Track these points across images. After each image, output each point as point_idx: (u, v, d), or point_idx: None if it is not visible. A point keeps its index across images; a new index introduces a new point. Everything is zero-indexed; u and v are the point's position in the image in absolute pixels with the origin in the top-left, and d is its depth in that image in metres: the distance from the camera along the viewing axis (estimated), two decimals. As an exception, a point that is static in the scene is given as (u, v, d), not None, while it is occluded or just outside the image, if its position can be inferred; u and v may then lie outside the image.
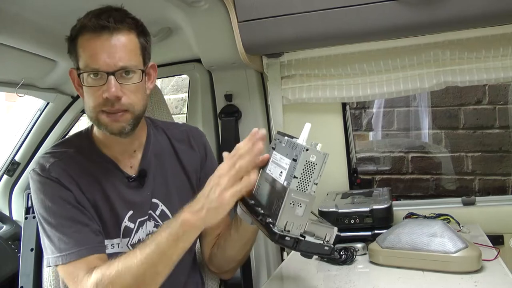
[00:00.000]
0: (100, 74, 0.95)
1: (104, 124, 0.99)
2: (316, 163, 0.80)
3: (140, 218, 1.07)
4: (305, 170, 0.80)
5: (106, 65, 0.95)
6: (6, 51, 1.27)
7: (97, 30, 0.95)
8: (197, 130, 1.26)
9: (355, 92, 1.50)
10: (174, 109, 2.68)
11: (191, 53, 1.63)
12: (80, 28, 0.97)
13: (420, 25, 1.27)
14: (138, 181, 1.08)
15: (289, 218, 0.80)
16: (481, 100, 2.33)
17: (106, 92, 0.95)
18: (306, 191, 0.80)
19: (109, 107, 0.97)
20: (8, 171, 1.93)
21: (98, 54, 0.95)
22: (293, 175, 0.80)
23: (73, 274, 0.94)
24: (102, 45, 0.95)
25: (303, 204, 0.80)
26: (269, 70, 1.57)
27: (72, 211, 0.98)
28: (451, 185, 2.39)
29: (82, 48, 0.97)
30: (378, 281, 1.04)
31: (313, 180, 0.80)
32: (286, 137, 0.89)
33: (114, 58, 0.95)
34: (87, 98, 0.99)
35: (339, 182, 1.59)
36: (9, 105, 2.73)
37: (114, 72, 0.95)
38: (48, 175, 0.99)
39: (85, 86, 0.98)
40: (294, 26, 1.31)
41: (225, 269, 1.20)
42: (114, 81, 0.95)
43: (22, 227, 1.32)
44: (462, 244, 1.01)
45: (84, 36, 0.96)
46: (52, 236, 0.97)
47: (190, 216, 0.88)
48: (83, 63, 0.97)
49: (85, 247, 0.96)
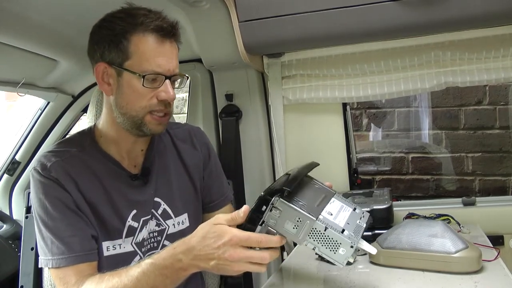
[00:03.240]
0: (158, 78, 0.97)
1: (148, 125, 1.01)
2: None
3: (144, 217, 1.07)
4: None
5: (167, 70, 0.98)
6: (7, 50, 1.27)
7: (161, 35, 0.97)
8: (199, 130, 1.26)
9: (355, 92, 1.50)
10: (175, 109, 2.68)
11: (192, 53, 1.63)
12: (135, 27, 0.96)
13: (420, 26, 1.27)
14: (141, 179, 1.08)
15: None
16: (481, 100, 2.33)
17: (164, 94, 0.98)
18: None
19: (162, 108, 1.00)
20: (8, 170, 1.93)
21: (161, 59, 0.97)
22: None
23: (64, 280, 0.96)
24: (166, 50, 0.98)
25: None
26: (269, 70, 1.58)
27: (69, 214, 0.98)
28: (451, 186, 2.39)
29: (139, 49, 0.96)
30: (379, 281, 1.04)
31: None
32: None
33: (173, 64, 1.00)
34: (134, 98, 0.99)
35: (340, 182, 1.60)
36: (9, 105, 2.73)
37: (171, 76, 0.99)
38: (48, 175, 0.99)
39: (132, 86, 0.98)
40: (295, 26, 1.31)
41: None
42: (170, 85, 0.99)
43: (22, 226, 1.32)
44: (462, 245, 1.01)
45: (145, 38, 0.96)
46: (46, 238, 0.98)
47: (185, 258, 0.87)
48: (138, 63, 0.96)
49: (76, 255, 0.96)
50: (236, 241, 0.82)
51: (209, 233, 0.84)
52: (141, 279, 0.89)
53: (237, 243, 0.82)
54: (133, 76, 0.96)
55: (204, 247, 0.84)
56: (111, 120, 1.05)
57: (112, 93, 1.01)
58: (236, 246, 0.82)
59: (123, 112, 1.01)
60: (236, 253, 0.82)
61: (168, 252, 0.89)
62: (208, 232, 0.85)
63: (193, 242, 0.86)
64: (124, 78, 0.98)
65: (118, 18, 0.97)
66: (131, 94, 0.98)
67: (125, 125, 1.02)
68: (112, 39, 0.97)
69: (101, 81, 1.01)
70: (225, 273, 0.86)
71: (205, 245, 0.84)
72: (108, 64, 0.99)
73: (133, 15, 0.96)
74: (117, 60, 0.97)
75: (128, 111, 1.00)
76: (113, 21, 0.97)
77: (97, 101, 1.22)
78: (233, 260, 0.82)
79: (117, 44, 0.96)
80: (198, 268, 0.88)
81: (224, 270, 0.85)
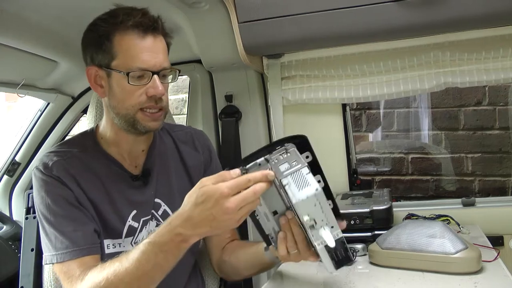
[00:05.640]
0: (145, 74, 0.97)
1: (141, 122, 1.01)
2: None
3: (144, 217, 1.08)
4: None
5: (153, 65, 0.97)
6: (7, 51, 1.27)
7: (141, 30, 0.96)
8: (202, 133, 1.27)
9: (355, 93, 1.50)
10: (175, 110, 2.68)
11: (192, 54, 1.63)
12: (116, 26, 0.96)
13: (420, 26, 1.27)
14: (142, 180, 1.09)
15: None
16: (481, 101, 2.33)
17: (152, 90, 0.97)
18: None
19: (153, 104, 0.99)
20: (8, 171, 1.93)
21: (145, 54, 0.96)
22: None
23: (68, 274, 0.95)
24: (148, 46, 0.97)
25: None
26: (269, 71, 1.58)
27: (71, 210, 0.99)
28: (451, 186, 2.39)
29: (122, 47, 0.96)
30: (378, 282, 1.04)
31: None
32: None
33: (159, 58, 0.98)
34: (124, 97, 0.99)
35: (339, 183, 1.60)
36: (9, 106, 2.73)
37: (158, 71, 0.98)
38: (50, 173, 1.00)
39: (121, 85, 0.98)
40: (294, 27, 1.31)
41: (233, 278, 1.20)
42: (159, 80, 0.98)
43: (22, 227, 1.32)
44: (462, 245, 1.01)
45: (126, 36, 0.96)
46: (50, 234, 0.99)
47: (184, 230, 0.84)
48: (124, 62, 0.96)
49: (80, 248, 0.97)
50: (227, 192, 0.79)
51: (198, 197, 0.82)
52: (141, 260, 0.87)
53: (229, 193, 0.79)
54: (120, 75, 0.97)
55: (200, 213, 0.81)
56: (110, 122, 1.06)
57: (106, 95, 1.02)
58: (228, 197, 0.79)
59: (117, 112, 1.02)
60: (231, 203, 0.79)
61: (165, 228, 0.86)
62: (197, 197, 0.82)
63: (187, 212, 0.83)
64: (113, 78, 0.99)
65: (102, 20, 0.98)
66: (121, 93, 0.99)
67: (121, 125, 1.03)
68: (97, 42, 0.98)
69: (94, 84, 1.03)
70: (227, 229, 0.85)
71: (200, 210, 0.81)
72: (98, 67, 1.00)
73: (115, 15, 0.97)
74: (105, 61, 0.98)
75: (120, 111, 1.01)
76: (97, 23, 0.98)
77: (97, 102, 1.22)
78: (232, 212, 0.79)
79: (101, 46, 0.98)
80: (199, 236, 0.86)
81: (226, 226, 0.83)
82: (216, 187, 0.80)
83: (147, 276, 0.88)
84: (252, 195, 0.79)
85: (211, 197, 0.80)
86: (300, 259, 0.91)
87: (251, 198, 0.80)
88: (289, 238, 0.88)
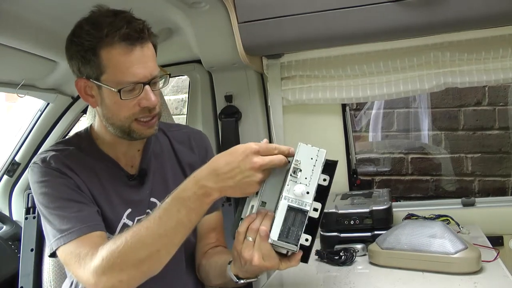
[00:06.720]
0: (136, 86, 0.96)
1: (137, 131, 1.01)
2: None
3: (139, 216, 1.07)
4: None
5: (143, 77, 0.96)
6: (6, 51, 1.27)
7: (128, 43, 0.94)
8: (200, 134, 1.26)
9: (355, 93, 1.50)
10: (174, 110, 2.69)
11: (191, 54, 1.63)
12: (101, 40, 0.93)
13: (420, 27, 1.27)
14: (138, 180, 1.09)
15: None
16: (480, 101, 2.33)
17: (145, 102, 0.97)
18: None
19: (147, 114, 0.99)
20: (8, 171, 1.93)
21: (135, 68, 0.95)
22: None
23: (75, 253, 0.91)
24: (137, 58, 0.95)
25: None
26: (269, 71, 1.58)
27: (71, 193, 0.98)
28: (450, 186, 2.39)
29: (111, 62, 0.94)
30: (378, 282, 1.04)
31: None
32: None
33: (149, 68, 0.97)
34: (117, 109, 0.98)
35: (339, 183, 1.60)
36: (9, 106, 2.73)
37: (149, 81, 0.97)
38: (48, 166, 1.00)
39: (112, 99, 0.97)
40: (294, 27, 1.31)
41: (206, 284, 1.18)
42: (151, 90, 0.97)
43: (22, 227, 1.32)
44: (461, 245, 1.01)
45: (113, 50, 0.93)
46: (52, 220, 0.96)
47: (208, 183, 0.84)
48: (114, 77, 0.95)
49: (87, 225, 0.95)
50: (256, 149, 0.83)
51: (226, 154, 0.85)
52: (163, 217, 0.86)
53: (258, 150, 0.83)
54: (111, 90, 0.96)
55: (227, 164, 0.83)
56: (104, 126, 1.06)
57: (98, 104, 1.01)
58: (257, 153, 0.83)
59: (111, 123, 1.01)
60: (259, 158, 0.82)
61: (190, 182, 0.86)
62: (225, 153, 0.85)
63: (214, 164, 0.85)
64: (103, 91, 0.98)
65: (85, 32, 0.95)
66: (113, 106, 0.98)
67: (116, 133, 1.03)
68: (83, 55, 0.96)
69: (84, 95, 1.01)
70: (248, 187, 0.84)
71: (227, 161, 0.84)
72: (87, 79, 0.98)
73: (99, 26, 0.94)
74: (93, 75, 0.97)
75: (114, 122, 1.01)
76: (81, 35, 0.95)
77: (97, 102, 1.22)
78: (257, 168, 0.82)
79: (88, 60, 0.96)
80: (221, 190, 0.85)
81: (248, 184, 0.84)
82: (245, 145, 0.84)
83: (168, 237, 0.86)
84: (278, 161, 0.84)
85: (240, 149, 0.84)
86: (258, 260, 0.85)
87: (277, 161, 0.84)
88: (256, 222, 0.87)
